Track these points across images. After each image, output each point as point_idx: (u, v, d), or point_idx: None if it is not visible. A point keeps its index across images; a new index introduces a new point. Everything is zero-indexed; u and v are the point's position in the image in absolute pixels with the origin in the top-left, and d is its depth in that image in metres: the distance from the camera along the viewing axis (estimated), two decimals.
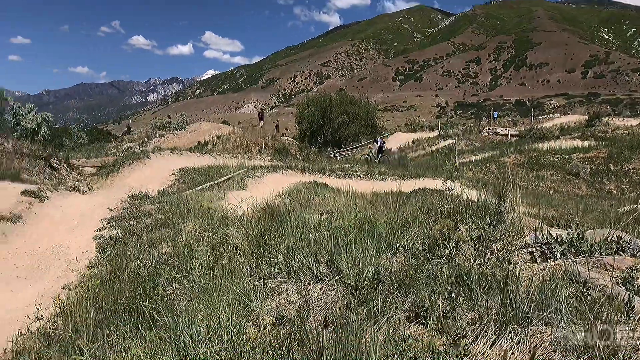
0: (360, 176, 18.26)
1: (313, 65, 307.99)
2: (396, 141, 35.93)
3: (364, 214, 4.70)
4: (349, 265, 3.21)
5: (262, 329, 2.73)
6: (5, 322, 5.35)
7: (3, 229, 8.20)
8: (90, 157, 25.69)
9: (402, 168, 21.43)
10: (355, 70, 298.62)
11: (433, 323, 2.58)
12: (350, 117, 38.32)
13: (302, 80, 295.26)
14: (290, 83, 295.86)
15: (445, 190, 7.41)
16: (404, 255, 3.48)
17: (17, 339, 4.52)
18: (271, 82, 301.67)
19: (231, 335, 2.62)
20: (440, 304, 2.67)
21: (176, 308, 3.33)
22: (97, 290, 4.99)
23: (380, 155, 26.72)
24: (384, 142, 29.42)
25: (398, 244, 3.64)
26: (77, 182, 15.18)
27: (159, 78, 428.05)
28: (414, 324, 2.67)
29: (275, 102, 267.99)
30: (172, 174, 17.01)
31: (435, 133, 39.95)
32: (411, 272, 3.06)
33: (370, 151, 28.17)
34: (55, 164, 18.04)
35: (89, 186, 15.11)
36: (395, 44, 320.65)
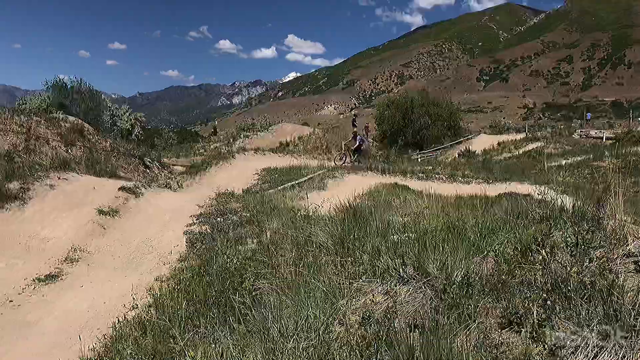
0: (442, 179, 17.87)
1: (394, 66, 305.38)
2: (480, 143, 34.79)
3: (450, 216, 4.59)
4: (437, 268, 3.15)
5: (348, 328, 2.74)
6: (105, 310, 5.73)
7: (103, 222, 8.80)
8: (179, 157, 26.99)
9: (487, 171, 20.72)
10: (438, 71, 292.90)
11: (527, 331, 2.47)
12: (432, 119, 37.55)
13: (382, 82, 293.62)
14: (370, 84, 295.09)
15: (536, 194, 7.08)
16: (495, 260, 3.36)
17: (115, 326, 4.82)
18: (351, 84, 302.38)
19: (318, 332, 2.65)
20: (535, 312, 2.55)
21: (264, 303, 3.41)
22: (187, 283, 5.24)
23: (356, 154, 22.26)
24: (363, 141, 23.29)
25: (488, 248, 3.52)
26: (168, 180, 15.98)
27: (243, 81, 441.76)
28: (507, 331, 2.57)
29: (355, 104, 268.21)
30: (256, 173, 17.50)
31: (522, 135, 38.29)
32: (503, 277, 2.95)
33: (347, 151, 23.24)
34: (148, 163, 19.10)
35: (179, 184, 15.84)
36: (480, 43, 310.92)
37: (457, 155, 31.12)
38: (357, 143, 22.32)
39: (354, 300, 3.14)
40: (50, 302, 6.09)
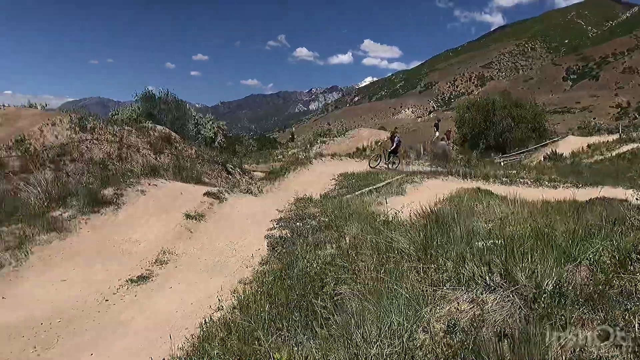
0: (527, 183, 17.15)
1: (474, 68, 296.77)
2: (568, 145, 32.99)
3: (539, 222, 4.39)
4: (526, 276, 3.02)
5: (433, 336, 2.68)
6: (192, 311, 5.97)
7: (189, 226, 9.20)
8: (259, 163, 27.71)
9: (576, 175, 19.61)
10: (521, 71, 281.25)
11: (629, 345, 2.31)
12: (515, 121, 36.11)
13: (462, 84, 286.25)
14: (449, 87, 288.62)
15: (634, 199, 6.60)
16: (589, 269, 3.17)
17: (202, 327, 5.00)
18: (429, 87, 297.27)
19: (402, 340, 2.61)
20: (637, 325, 2.38)
21: (345, 308, 3.41)
22: (270, 286, 5.35)
23: (391, 156, 21.32)
24: (399, 143, 21.86)
25: (581, 256, 3.33)
26: (249, 186, 16.47)
27: (320, 87, 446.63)
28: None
29: (433, 107, 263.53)
30: (333, 178, 17.61)
31: (615, 136, 35.89)
32: (600, 287, 2.77)
33: (382, 152, 22.16)
34: (230, 169, 19.75)
35: (259, 189, 16.29)
36: (566, 40, 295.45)
37: (542, 159, 29.66)
38: (394, 145, 21.35)
39: (438, 307, 3.08)
40: (141, 302, 6.43)
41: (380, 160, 21.26)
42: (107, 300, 6.41)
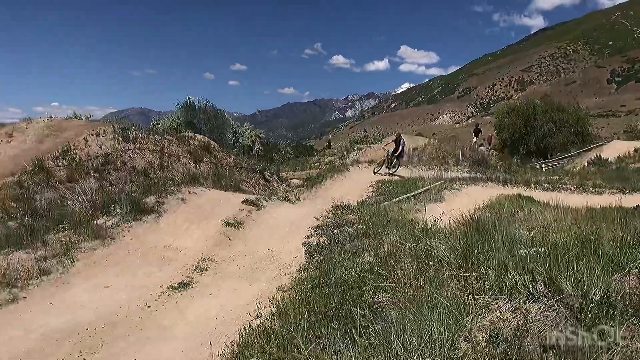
0: (570, 189, 16.66)
1: (513, 72, 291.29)
2: (613, 150, 31.92)
3: (584, 230, 4.26)
4: (571, 285, 2.93)
5: (475, 345, 2.63)
6: (231, 318, 6.03)
7: (228, 233, 9.32)
8: (296, 170, 27.88)
9: (622, 180, 18.94)
10: (563, 74, 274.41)
11: None
12: (557, 125, 35.22)
13: (501, 88, 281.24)
14: (488, 92, 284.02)
15: None
16: (639, 278, 3.05)
17: (241, 334, 5.05)
18: (467, 92, 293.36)
19: (444, 349, 2.57)
20: None
21: (384, 316, 3.38)
22: (308, 294, 5.35)
23: (394, 160, 20.42)
24: (404, 146, 20.90)
25: (630, 265, 3.21)
26: (286, 193, 16.56)
27: (356, 94, 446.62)
28: None
29: (472, 112, 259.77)
30: (370, 185, 17.55)
31: None
32: None
33: (387, 153, 20.86)
34: (268, 177, 19.94)
35: (296, 197, 16.34)
36: (611, 42, 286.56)
37: (586, 164, 28.80)
38: (400, 148, 20.36)
39: (479, 317, 3.02)
40: (182, 309, 6.53)
41: (384, 165, 20.54)
42: (149, 307, 6.54)
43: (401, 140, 20.82)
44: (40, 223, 9.54)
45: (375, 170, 20.34)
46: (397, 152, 20.47)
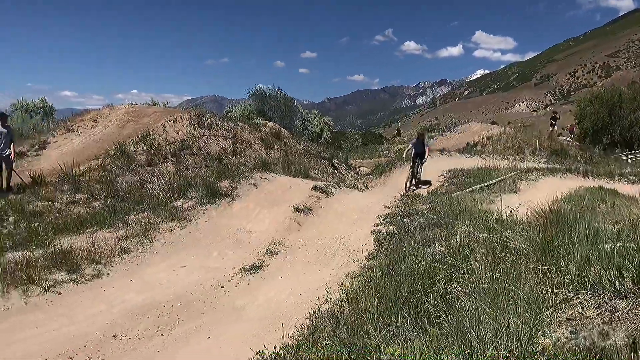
0: None
1: (598, 57, 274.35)
2: None
3: None
4: None
5: (555, 341, 2.52)
6: (301, 301, 6.13)
7: (298, 219, 9.45)
8: (365, 158, 27.78)
9: None
10: None
11: None
12: None
13: (583, 75, 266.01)
14: (568, 78, 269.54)
15: None
16: None
17: (311, 317, 5.12)
18: (546, 79, 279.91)
19: (521, 342, 2.48)
20: None
21: (458, 307, 3.31)
22: (377, 281, 5.33)
23: (417, 162, 15.46)
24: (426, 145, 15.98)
25: None
26: (355, 181, 16.57)
27: (428, 81, 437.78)
28: None
29: (550, 100, 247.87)
30: (441, 174, 17.19)
31: None
32: None
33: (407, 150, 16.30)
34: (336, 164, 20.00)
35: (365, 184, 16.34)
36: None
37: None
38: (426, 151, 15.57)
39: (559, 312, 2.88)
40: (254, 290, 6.71)
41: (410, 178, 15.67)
42: (222, 287, 6.77)
43: (424, 141, 16.05)
44: (121, 204, 10.09)
45: (407, 186, 15.46)
46: (424, 156, 15.55)
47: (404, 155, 16.93)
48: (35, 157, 14.91)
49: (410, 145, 16.01)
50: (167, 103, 24.18)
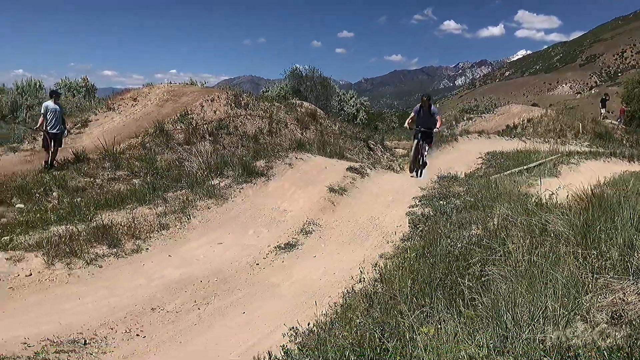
0: None
1: None
2: None
3: None
4: None
5: (594, 326, 2.46)
6: (334, 280, 6.18)
7: (332, 199, 9.46)
8: (401, 140, 27.48)
9: None
10: None
11: None
12: None
13: (632, 55, 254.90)
14: (616, 59, 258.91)
15: None
16: None
17: (344, 296, 5.16)
18: (592, 59, 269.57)
19: (558, 326, 2.44)
20: None
21: (493, 290, 3.27)
22: (412, 263, 5.31)
23: (422, 138, 12.06)
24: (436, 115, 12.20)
25: None
26: (390, 162, 16.45)
27: (468, 62, 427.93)
28: None
29: (595, 82, 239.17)
30: (479, 157, 16.90)
31: None
32: None
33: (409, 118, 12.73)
34: (372, 145, 19.88)
35: (401, 166, 16.19)
36: None
37: None
38: (437, 122, 12.07)
39: (599, 297, 2.81)
40: (288, 268, 6.79)
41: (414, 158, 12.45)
42: (257, 264, 6.87)
43: (432, 108, 12.13)
44: (160, 182, 10.31)
45: (413, 167, 12.58)
46: (431, 130, 12.04)
47: (405, 125, 13.09)
48: (77, 134, 15.35)
49: (413, 113, 12.28)
50: (205, 83, 24.48)
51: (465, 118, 30.54)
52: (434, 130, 12.16)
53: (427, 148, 12.33)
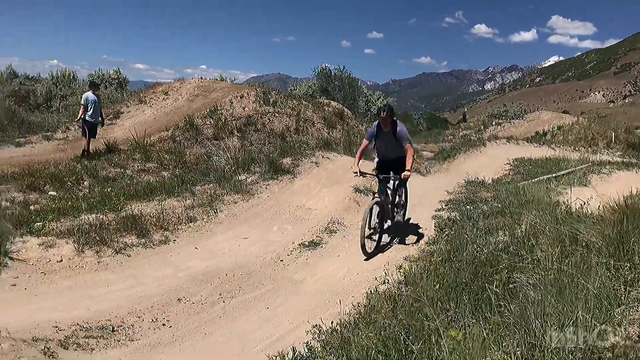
0: None
1: None
2: None
3: None
4: None
5: (626, 339, 2.43)
6: (358, 280, 6.19)
7: (358, 199, 9.46)
8: (428, 143, 27.32)
9: None
10: None
11: None
12: None
13: None
14: None
15: None
16: None
17: (368, 296, 5.17)
18: (627, 68, 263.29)
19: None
20: None
21: (521, 297, 3.25)
22: (437, 266, 5.30)
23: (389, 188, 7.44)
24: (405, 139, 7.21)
25: None
26: (416, 165, 16.33)
27: (498, 66, 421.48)
28: None
29: (630, 91, 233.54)
30: (507, 163, 16.66)
31: None
32: None
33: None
34: None
35: (427, 169, 16.08)
36: None
37: None
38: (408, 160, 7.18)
39: (632, 310, 2.77)
40: (312, 266, 6.82)
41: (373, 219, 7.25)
42: (282, 260, 6.92)
43: (398, 128, 7.24)
44: (189, 175, 10.45)
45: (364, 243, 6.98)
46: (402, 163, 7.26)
47: (355, 163, 7.47)
48: (109, 125, 15.66)
49: (367, 140, 7.55)
50: (235, 79, 24.66)
51: (494, 123, 30.18)
52: (409, 163, 7.10)
53: (402, 192, 7.81)
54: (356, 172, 7.20)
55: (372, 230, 7.31)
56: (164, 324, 4.96)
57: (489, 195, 9.45)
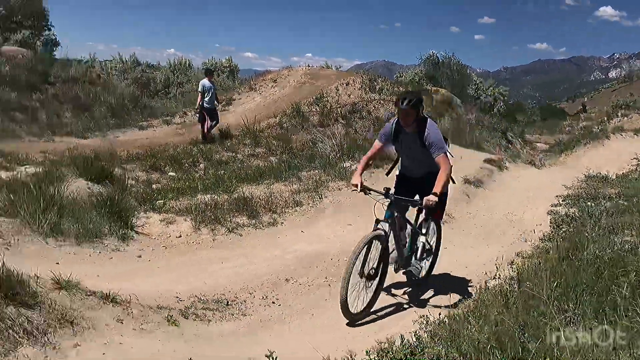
0: None
1: None
2: None
3: None
4: None
5: None
6: (467, 274, 6.03)
7: (467, 191, 9.17)
8: (542, 134, 25.81)
9: None
10: None
11: None
12: None
13: None
14: None
15: None
16: None
17: (478, 291, 4.99)
18: None
19: None
20: None
21: None
22: (553, 264, 4.98)
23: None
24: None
25: None
26: (531, 157, 15.51)
27: (625, 52, 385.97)
28: None
29: None
30: (634, 157, 15.28)
31: None
32: None
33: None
34: (510, 138, 18.89)
35: (542, 162, 15.22)
36: None
37: None
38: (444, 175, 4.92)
39: None
40: None
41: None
42: None
43: (428, 126, 4.95)
44: (295, 161, 10.71)
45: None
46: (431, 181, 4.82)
47: (355, 179, 5.07)
48: (222, 112, 16.45)
49: (380, 141, 5.30)
50: (340, 67, 24.84)
51: (619, 114, 27.73)
52: (440, 185, 4.79)
53: (428, 230, 5.61)
54: (356, 187, 4.93)
55: (363, 279, 4.86)
56: (273, 302, 5.14)
57: (614, 191, 8.74)
